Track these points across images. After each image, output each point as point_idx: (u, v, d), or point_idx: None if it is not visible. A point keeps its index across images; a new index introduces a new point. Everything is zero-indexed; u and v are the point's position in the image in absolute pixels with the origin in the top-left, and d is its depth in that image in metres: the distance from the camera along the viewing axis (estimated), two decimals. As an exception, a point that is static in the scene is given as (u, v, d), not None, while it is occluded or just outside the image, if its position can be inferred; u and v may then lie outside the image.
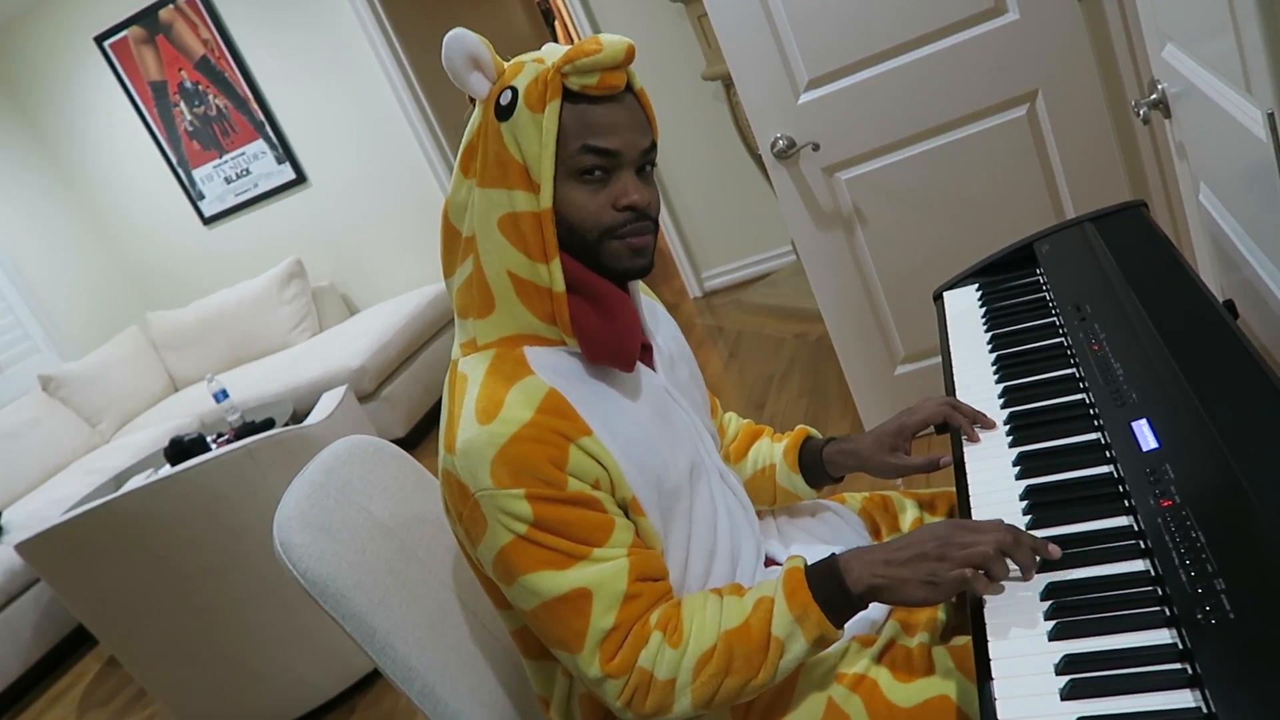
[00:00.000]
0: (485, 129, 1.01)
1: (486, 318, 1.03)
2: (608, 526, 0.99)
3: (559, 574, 0.97)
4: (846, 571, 0.97)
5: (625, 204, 1.00)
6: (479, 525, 0.98)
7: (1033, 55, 2.18)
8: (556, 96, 0.97)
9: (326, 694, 2.56)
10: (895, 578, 0.94)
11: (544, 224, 0.98)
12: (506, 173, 0.99)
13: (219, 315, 4.90)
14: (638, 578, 0.99)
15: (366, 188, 4.80)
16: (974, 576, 0.90)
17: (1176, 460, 0.92)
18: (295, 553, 1.10)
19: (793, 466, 1.30)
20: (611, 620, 0.97)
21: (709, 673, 0.97)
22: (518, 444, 0.95)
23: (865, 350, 2.56)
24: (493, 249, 1.01)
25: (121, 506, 2.24)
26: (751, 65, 2.30)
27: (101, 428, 4.69)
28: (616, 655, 0.98)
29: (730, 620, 0.99)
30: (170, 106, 4.85)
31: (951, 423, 1.19)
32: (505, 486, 0.95)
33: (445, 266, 1.07)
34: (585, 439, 0.98)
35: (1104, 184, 2.26)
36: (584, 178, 0.99)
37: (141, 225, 5.24)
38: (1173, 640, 0.77)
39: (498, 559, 0.98)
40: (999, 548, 0.90)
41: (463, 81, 1.00)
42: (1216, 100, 1.17)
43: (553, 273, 0.99)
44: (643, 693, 0.98)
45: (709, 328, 4.19)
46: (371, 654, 1.12)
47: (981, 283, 1.59)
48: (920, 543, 0.95)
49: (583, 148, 0.98)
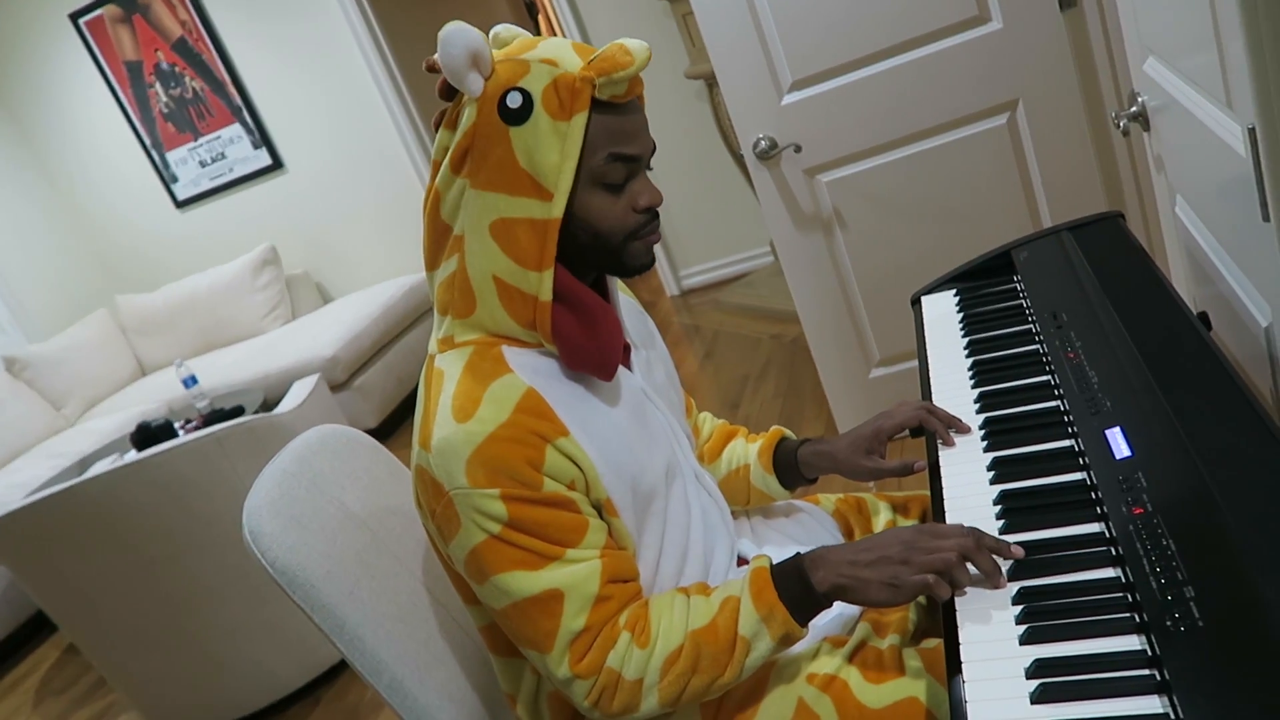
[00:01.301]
0: (485, 130, 0.96)
1: (466, 318, 1.02)
2: (581, 528, 0.98)
3: (531, 574, 0.96)
4: (812, 571, 0.98)
5: (645, 205, 1.01)
6: (452, 523, 0.97)
7: (1015, 65, 2.19)
8: (586, 108, 0.95)
9: (291, 685, 2.53)
10: (859, 579, 0.96)
11: (548, 232, 0.97)
12: (509, 178, 0.96)
13: (190, 300, 4.83)
14: (609, 579, 0.99)
15: (344, 176, 4.76)
16: (935, 582, 0.91)
17: (1149, 469, 0.93)
18: (264, 542, 1.09)
19: (767, 467, 1.30)
20: (582, 622, 0.97)
21: (676, 672, 0.98)
22: (494, 444, 0.94)
23: (841, 353, 2.57)
24: (480, 251, 0.99)
25: (86, 491, 2.21)
26: (736, 65, 2.30)
27: (66, 411, 4.62)
28: (586, 656, 0.98)
29: (697, 620, 0.99)
30: (145, 87, 4.78)
31: (927, 427, 1.20)
32: (481, 486, 0.94)
33: (429, 259, 1.06)
34: (562, 439, 0.97)
35: (1081, 194, 2.28)
36: (607, 185, 0.99)
37: (113, 207, 5.16)
38: (1142, 646, 0.77)
39: (470, 558, 0.98)
40: (961, 553, 0.91)
41: (461, 79, 0.95)
42: (1196, 114, 1.18)
43: (543, 281, 0.98)
44: (610, 693, 0.98)
45: (686, 326, 4.19)
46: (340, 646, 1.11)
47: (959, 288, 1.60)
48: (885, 545, 0.97)
49: (611, 157, 0.97)
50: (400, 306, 4.51)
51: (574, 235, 1.00)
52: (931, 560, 0.92)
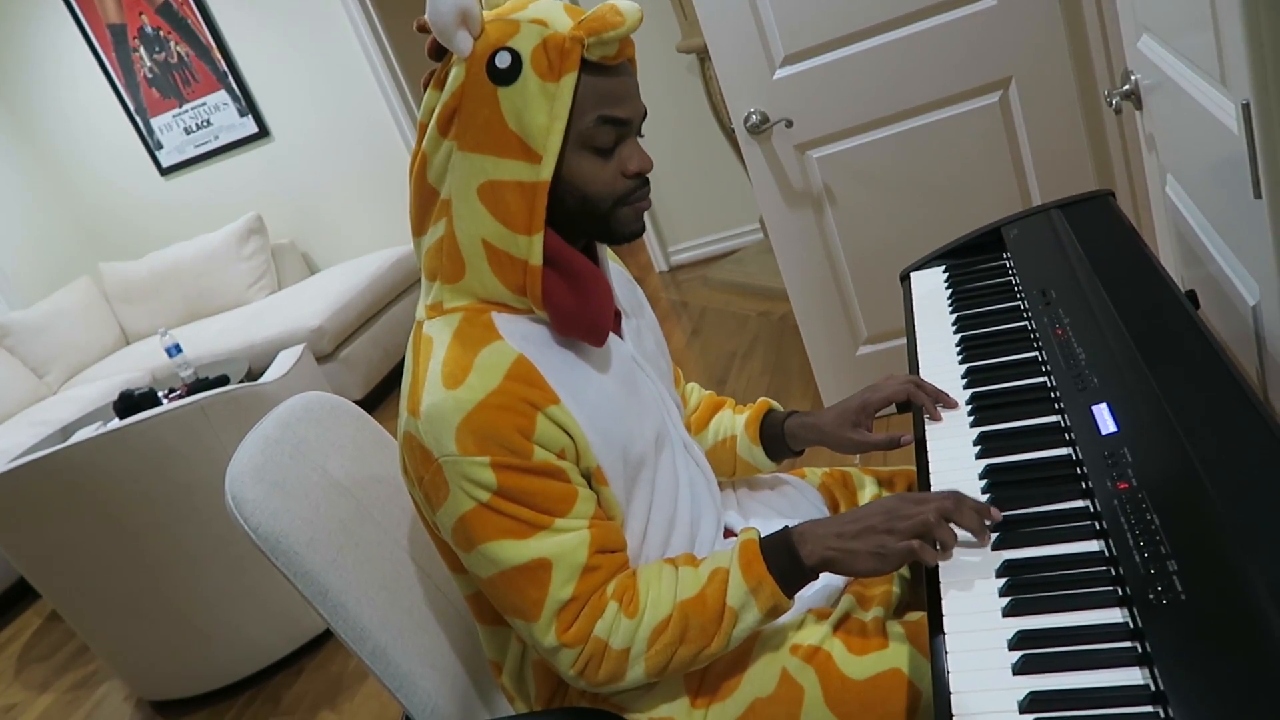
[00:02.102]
0: (473, 90, 0.95)
1: (455, 283, 1.01)
2: (570, 498, 0.98)
3: (519, 543, 0.96)
4: (800, 544, 0.98)
5: (635, 170, 1.00)
6: (440, 491, 0.96)
7: (1008, 42, 2.18)
8: (575, 68, 0.93)
9: (275, 654, 2.53)
10: (846, 550, 0.96)
11: (537, 196, 0.95)
12: (497, 140, 0.95)
13: (174, 269, 4.79)
14: (598, 550, 0.99)
15: (331, 145, 4.71)
16: (920, 547, 0.92)
17: (1134, 445, 0.93)
18: (247, 508, 1.08)
19: (754, 439, 1.30)
20: (570, 591, 0.97)
21: (664, 642, 0.98)
22: (485, 411, 0.94)
23: (829, 329, 2.57)
24: (469, 215, 0.98)
25: (68, 458, 2.19)
26: (728, 38, 2.28)
27: (49, 379, 4.58)
28: (573, 625, 0.98)
29: (685, 591, 0.99)
30: (129, 52, 4.71)
31: (914, 401, 1.20)
32: (470, 454, 0.94)
33: (416, 224, 1.04)
34: (553, 407, 0.97)
35: (1071, 173, 2.28)
36: (596, 148, 0.97)
37: (97, 173, 5.10)
38: (1124, 619, 0.78)
39: (458, 525, 0.97)
40: (941, 514, 0.92)
41: (449, 38, 0.94)
42: (1190, 92, 1.17)
43: (533, 245, 0.96)
44: (596, 662, 0.98)
45: (674, 302, 4.19)
46: (323, 613, 1.10)
47: (949, 265, 1.59)
48: (869, 516, 0.97)
49: (600, 119, 0.96)
50: (387, 278, 4.48)
51: (562, 200, 0.99)
52: (914, 525, 0.93)
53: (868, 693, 1.00)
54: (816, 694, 1.01)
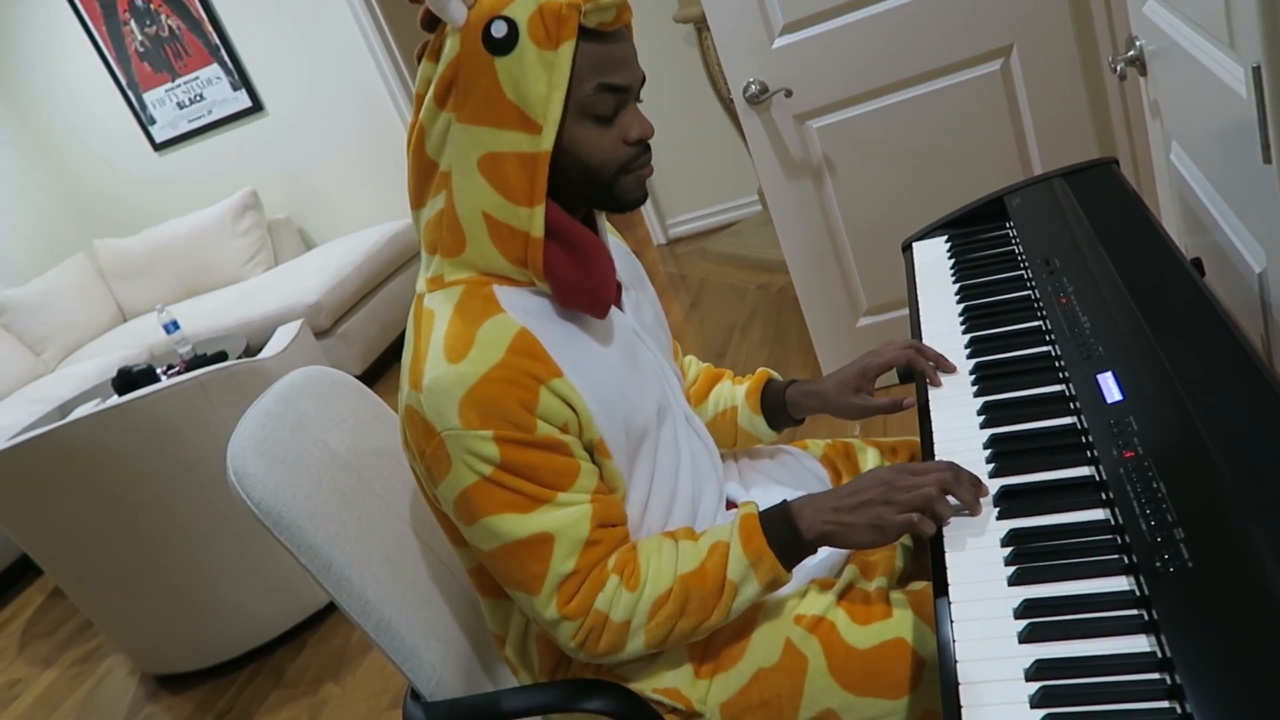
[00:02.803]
0: (469, 61, 0.93)
1: (455, 257, 1.00)
2: (573, 472, 0.98)
3: (522, 517, 0.95)
4: (799, 518, 0.99)
5: (636, 137, 0.99)
6: (442, 464, 0.96)
7: (1009, 9, 2.16)
8: (573, 36, 0.92)
9: (277, 629, 2.54)
10: (844, 523, 0.97)
11: (537, 166, 0.94)
12: (496, 110, 0.93)
13: (170, 245, 4.76)
14: (599, 524, 0.99)
15: (325, 119, 4.67)
16: (919, 520, 0.92)
17: (1140, 413, 0.92)
18: (249, 483, 1.08)
19: (755, 408, 1.30)
20: (571, 565, 0.97)
21: (664, 614, 0.98)
22: (488, 385, 0.93)
23: (828, 301, 2.56)
24: (469, 187, 0.96)
25: (68, 435, 2.19)
26: (727, 7, 2.25)
27: (46, 356, 4.57)
28: (574, 599, 0.98)
29: (686, 564, 0.99)
30: (120, 25, 4.65)
31: (915, 366, 1.20)
32: (473, 427, 0.93)
33: (414, 197, 1.03)
34: (555, 380, 0.96)
35: (1073, 141, 2.26)
36: (596, 116, 0.96)
37: (89, 148, 5.05)
38: (1131, 587, 0.77)
39: (460, 499, 0.97)
40: (941, 487, 0.92)
41: (443, 7, 0.92)
42: (1197, 56, 1.16)
43: (534, 217, 0.95)
44: (596, 634, 0.99)
45: (672, 275, 4.17)
46: (327, 587, 1.10)
47: (951, 234, 1.58)
48: (867, 488, 0.97)
49: (599, 87, 0.95)
50: (384, 253, 4.46)
51: (564, 170, 0.98)
52: (913, 498, 0.93)
53: (872, 662, 1.00)
54: (820, 663, 1.02)
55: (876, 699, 1.00)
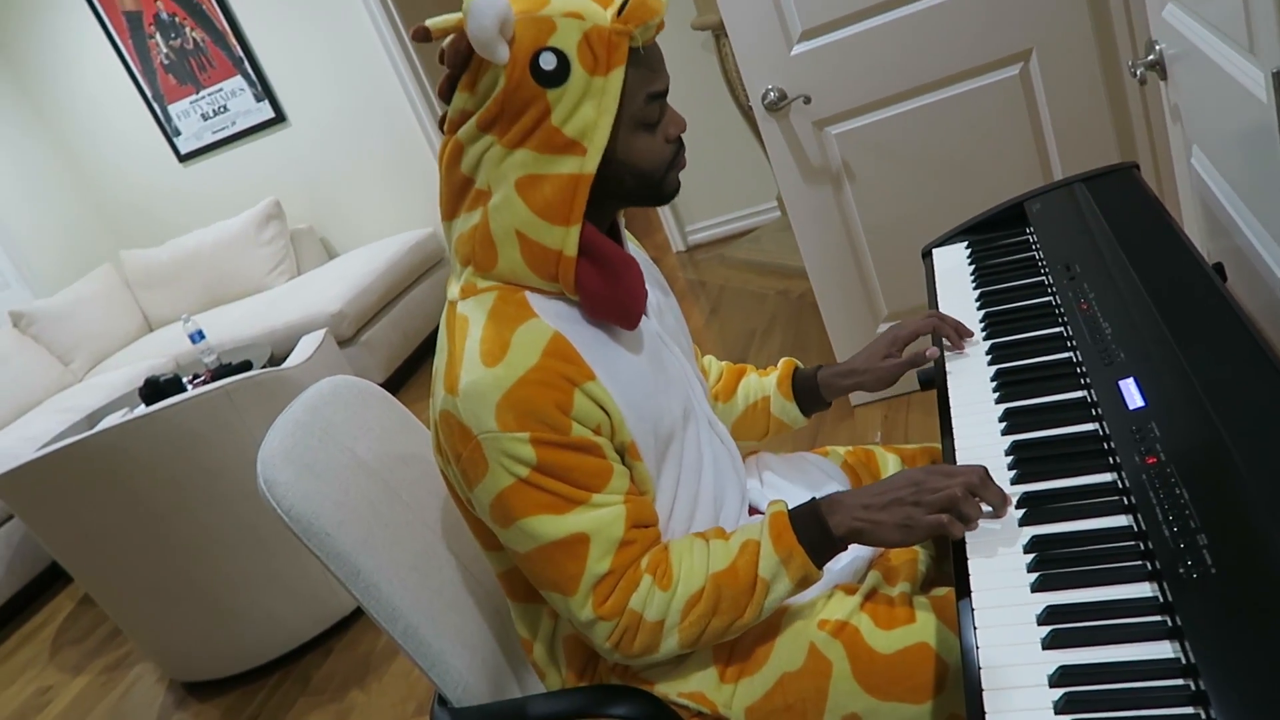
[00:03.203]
0: (517, 94, 0.93)
1: (488, 271, 1.02)
2: (607, 473, 0.99)
3: (558, 518, 0.97)
4: (828, 515, 1.00)
5: (676, 134, 1.02)
6: (479, 467, 0.97)
7: (1028, 13, 2.16)
8: (624, 62, 0.94)
9: (303, 635, 2.57)
10: (873, 521, 0.97)
11: (579, 187, 0.96)
12: (543, 137, 0.95)
13: (195, 255, 4.82)
14: (633, 524, 1.00)
15: (347, 129, 4.71)
16: (950, 521, 0.93)
17: (1162, 419, 0.93)
18: (279, 490, 1.10)
19: (787, 395, 1.33)
20: (607, 565, 0.98)
21: (697, 613, 0.99)
22: (524, 387, 0.95)
23: (848, 307, 2.56)
24: (505, 207, 0.98)
25: (97, 444, 2.22)
26: (745, 14, 2.26)
27: (74, 366, 4.63)
28: (609, 599, 0.99)
29: (717, 563, 1.01)
30: (145, 38, 4.72)
31: (938, 331, 1.26)
32: (510, 430, 0.95)
33: (446, 209, 1.04)
34: (589, 383, 0.98)
35: (1093, 145, 2.26)
36: (646, 124, 0.99)
37: (115, 160, 5.13)
38: (1154, 594, 0.78)
39: (496, 501, 0.98)
40: (968, 489, 0.93)
41: (492, 49, 0.91)
42: (1217, 61, 1.16)
43: (569, 236, 0.97)
44: (631, 634, 1.00)
45: (691, 282, 4.18)
46: (355, 594, 1.12)
47: (971, 240, 1.58)
48: (897, 488, 0.98)
49: (648, 98, 0.98)
50: (406, 261, 4.50)
51: (617, 179, 1.01)
52: (941, 498, 0.94)
53: (895, 667, 1.01)
54: (844, 668, 1.02)
55: (900, 703, 1.00)
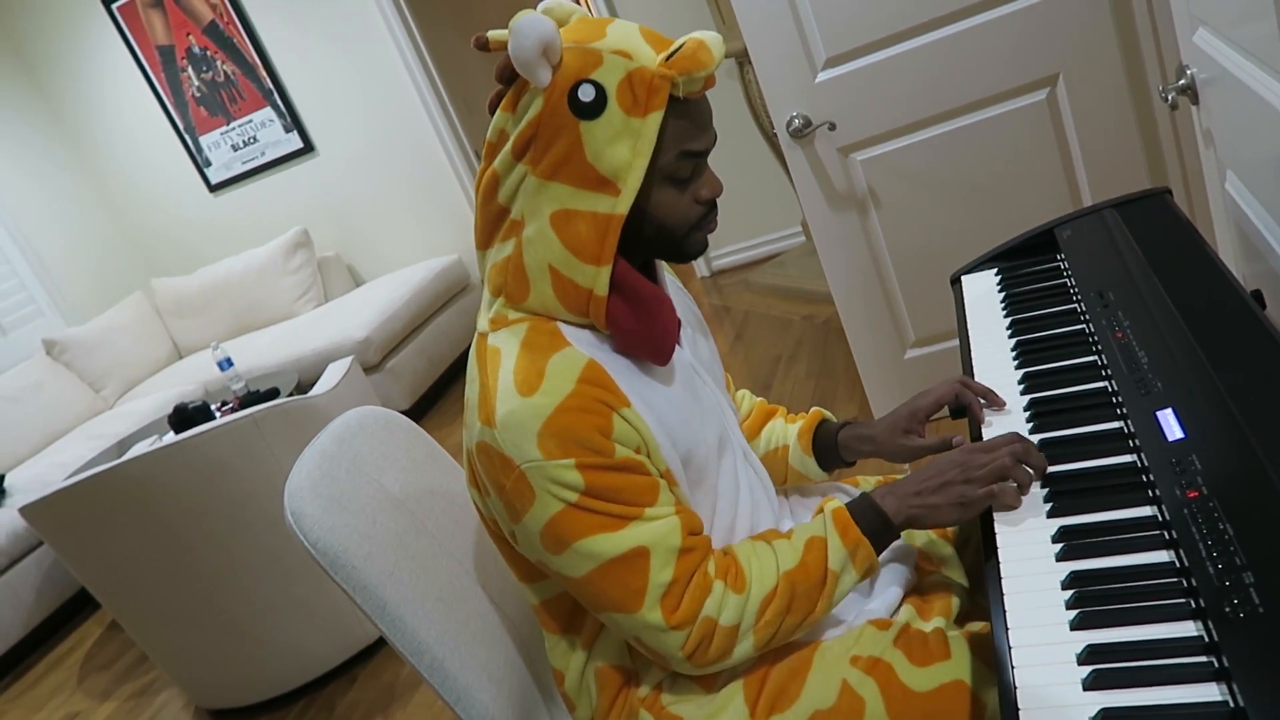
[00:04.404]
0: (552, 120, 0.94)
1: (519, 303, 1.02)
2: (655, 488, 0.99)
3: (614, 535, 0.97)
4: (884, 504, 1.04)
5: (708, 197, 1.02)
6: (525, 497, 0.97)
7: (1054, 38, 2.15)
8: (662, 107, 0.93)
9: (328, 664, 2.56)
10: (929, 504, 1.02)
11: (610, 228, 0.96)
12: (576, 170, 0.95)
13: (224, 283, 4.88)
14: (689, 532, 1.01)
15: (374, 158, 4.77)
16: (1001, 489, 0.96)
17: (1203, 451, 0.90)
18: (306, 523, 1.09)
19: (806, 449, 1.30)
20: (670, 574, 0.98)
21: (773, 611, 1.00)
22: (564, 415, 0.94)
23: (875, 333, 2.55)
24: (539, 239, 0.98)
25: (127, 472, 2.24)
26: (769, 42, 2.27)
27: (105, 393, 4.69)
28: (679, 607, 0.99)
29: (786, 561, 1.02)
30: (178, 72, 4.81)
31: (963, 400, 1.20)
32: (554, 457, 0.94)
33: (481, 238, 1.05)
34: (626, 409, 0.98)
35: (1124, 170, 2.23)
36: (675, 180, 0.99)
37: (147, 191, 5.21)
38: (1199, 633, 0.75)
39: (547, 528, 0.98)
40: (1014, 457, 0.97)
41: (531, 70, 0.92)
42: (1251, 85, 1.14)
43: (600, 275, 0.97)
44: (707, 641, 1.00)
45: (716, 308, 4.17)
46: (382, 626, 1.11)
47: (1000, 267, 1.57)
48: (943, 471, 1.02)
49: (681, 154, 0.97)
50: (431, 289, 4.53)
51: (640, 228, 1.01)
52: (991, 471, 0.98)
53: (930, 704, 0.98)
54: (878, 706, 1.00)
55: (935, 743, 0.98)
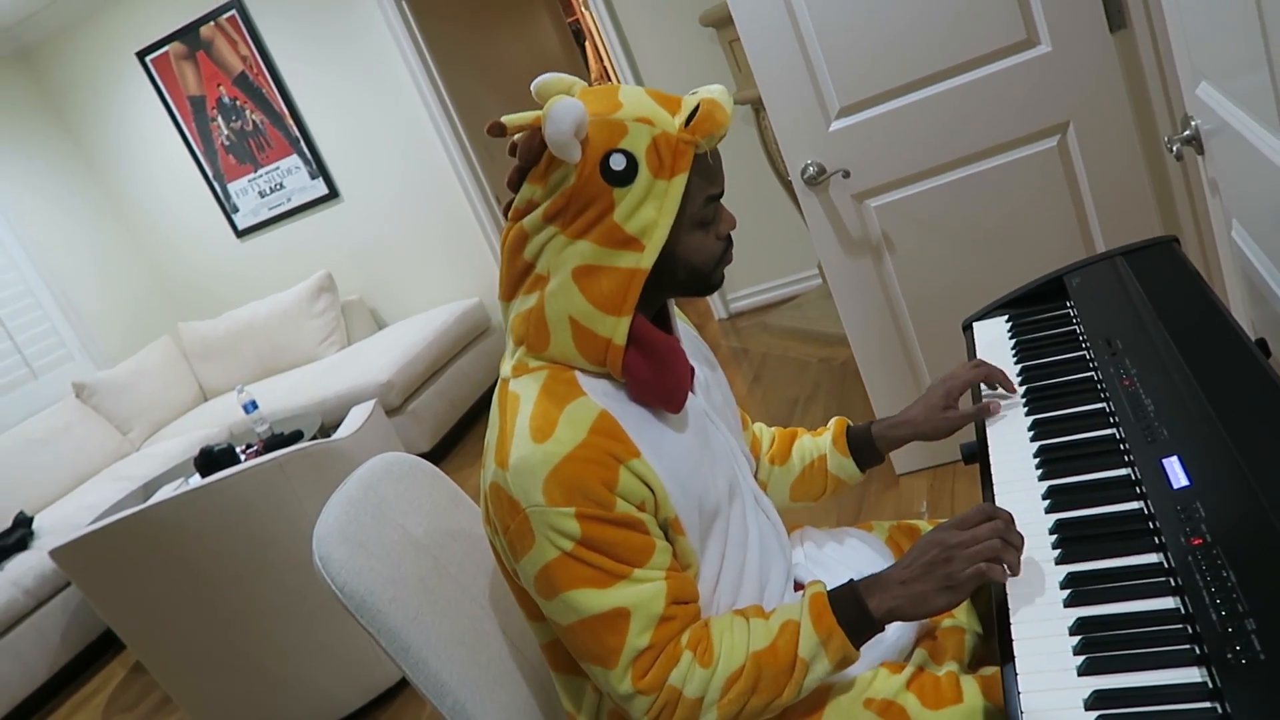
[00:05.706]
0: (585, 189, 1.00)
1: (540, 352, 1.06)
2: (649, 549, 1.01)
3: (600, 592, 0.99)
4: (867, 596, 1.01)
5: (727, 232, 1.09)
6: (526, 539, 1.00)
7: (1064, 87, 2.19)
8: (688, 169, 1.01)
9: (349, 707, 2.58)
10: (914, 594, 0.99)
11: (634, 281, 1.01)
12: (605, 232, 1.00)
13: (249, 327, 4.96)
14: (673, 600, 1.02)
15: (397, 204, 4.86)
16: (988, 567, 0.95)
17: (1207, 498, 0.92)
18: (334, 567, 1.13)
19: (843, 452, 1.35)
20: (646, 640, 1.00)
21: (737, 691, 1.00)
22: (571, 464, 0.98)
23: (891, 376, 2.57)
24: (561, 293, 1.03)
25: (156, 515, 2.28)
26: (783, 92, 2.33)
27: (132, 435, 4.76)
28: (648, 673, 1.00)
29: (758, 641, 1.02)
30: (208, 121, 4.94)
31: (991, 379, 1.31)
32: (556, 504, 0.98)
33: (505, 289, 1.09)
34: (634, 460, 1.01)
35: (1134, 218, 2.26)
36: (703, 223, 1.05)
37: (176, 236, 5.33)
38: (1203, 679, 0.77)
39: (541, 574, 1.01)
40: (1002, 538, 0.96)
41: (566, 151, 0.98)
42: (1249, 138, 1.18)
43: (619, 326, 1.02)
44: (670, 710, 1.01)
45: (734, 350, 4.20)
46: (405, 669, 1.14)
47: (1011, 314, 1.59)
48: (924, 553, 1.00)
49: (707, 200, 1.04)
50: (452, 332, 4.59)
51: (669, 273, 1.06)
52: (976, 550, 0.96)
53: (943, 749, 1.00)
54: (891, 750, 1.01)
55: (948, 787, 0.99)
